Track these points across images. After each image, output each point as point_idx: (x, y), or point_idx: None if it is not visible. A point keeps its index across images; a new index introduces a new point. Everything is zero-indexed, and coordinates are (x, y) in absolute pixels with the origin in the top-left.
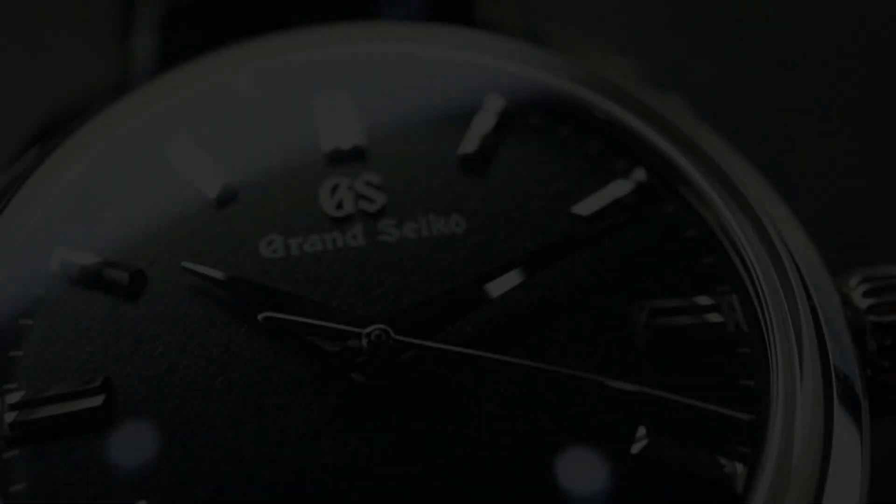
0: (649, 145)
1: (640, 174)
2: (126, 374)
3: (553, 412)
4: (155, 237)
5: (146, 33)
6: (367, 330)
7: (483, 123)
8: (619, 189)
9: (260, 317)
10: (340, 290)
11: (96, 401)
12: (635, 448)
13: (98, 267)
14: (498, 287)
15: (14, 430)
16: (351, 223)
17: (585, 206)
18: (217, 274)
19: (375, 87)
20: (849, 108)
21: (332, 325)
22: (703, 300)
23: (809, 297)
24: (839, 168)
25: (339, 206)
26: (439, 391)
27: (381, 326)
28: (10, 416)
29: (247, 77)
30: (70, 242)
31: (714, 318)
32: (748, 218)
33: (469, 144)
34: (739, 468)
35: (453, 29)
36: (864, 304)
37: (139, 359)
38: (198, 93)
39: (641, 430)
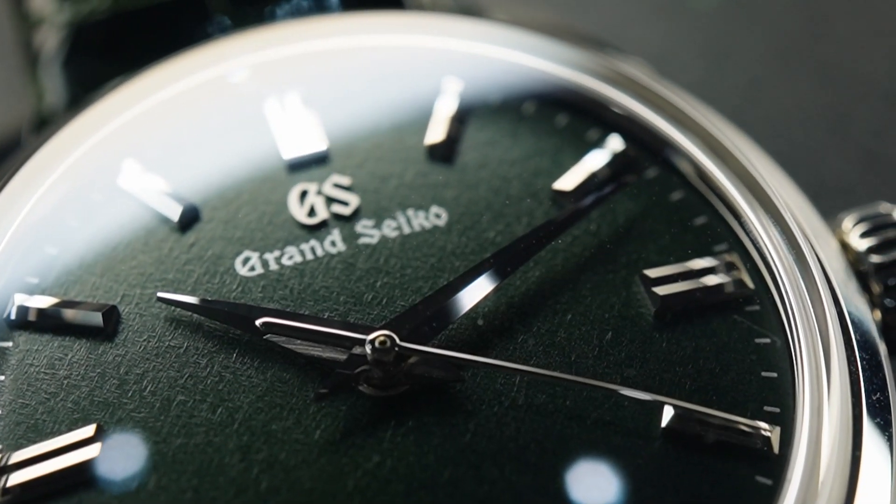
0: (620, 110)
1: (615, 142)
2: (118, 418)
3: (573, 400)
4: (121, 271)
5: (53, 66)
6: (371, 337)
7: (445, 108)
8: (596, 160)
9: (258, 322)
10: (330, 301)
11: (92, 451)
12: (664, 422)
13: (65, 309)
14: (495, 277)
15: (7, 496)
16: (327, 229)
17: (566, 181)
18: (197, 300)
19: (325, 85)
20: (786, 54)
21: (334, 332)
22: (702, 262)
23: (811, 245)
24: (789, 116)
25: (311, 212)
26: (449, 395)
27: (385, 333)
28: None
29: (188, 91)
30: (29, 288)
31: (715, 279)
32: (734, 171)
33: (435, 132)
34: (771, 429)
35: (396, 15)
36: (862, 245)
37: (129, 401)
38: (139, 114)
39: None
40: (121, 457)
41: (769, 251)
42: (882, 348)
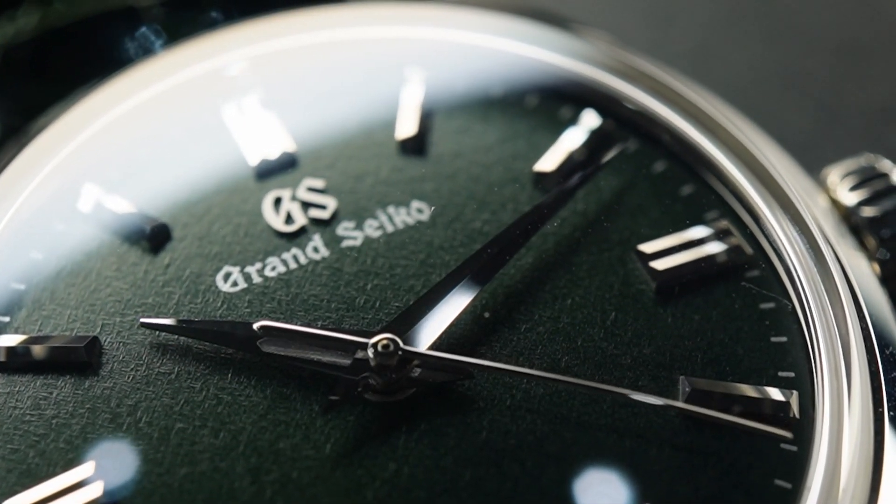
0: (592, 85)
1: (590, 118)
2: (116, 454)
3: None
4: (96, 300)
5: None
6: (373, 340)
7: (411, 99)
8: (573, 138)
9: (256, 326)
10: (321, 309)
11: (94, 491)
12: (682, 399)
13: (43, 346)
14: (491, 269)
15: None
16: (307, 235)
17: (546, 162)
18: (183, 322)
19: (283, 86)
20: (733, 14)
21: (334, 336)
22: (696, 232)
23: (805, 203)
24: (743, 77)
25: (289, 219)
26: (459, 393)
27: (388, 336)
28: None
29: (140, 106)
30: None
31: (712, 248)
32: (716, 136)
33: (404, 125)
34: (788, 394)
35: (348, 8)
36: (852, 199)
37: (125, 434)
38: (92, 136)
39: (682, 381)
40: (125, 493)
41: (764, 213)
42: (886, 301)
